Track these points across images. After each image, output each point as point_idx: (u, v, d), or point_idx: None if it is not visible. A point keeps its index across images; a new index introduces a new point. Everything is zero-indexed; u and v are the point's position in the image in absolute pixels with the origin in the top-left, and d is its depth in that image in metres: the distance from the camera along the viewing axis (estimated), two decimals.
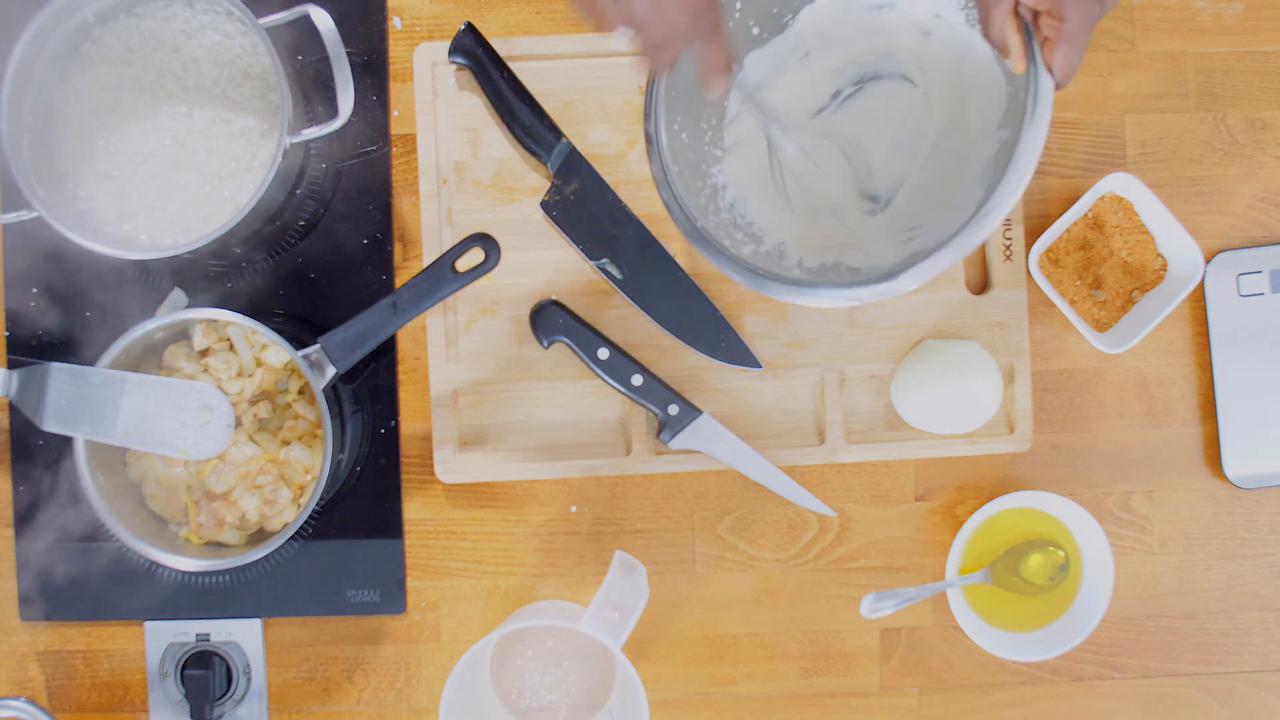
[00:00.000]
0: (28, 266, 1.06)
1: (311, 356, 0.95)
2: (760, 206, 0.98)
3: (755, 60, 0.98)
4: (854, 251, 0.96)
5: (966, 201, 0.90)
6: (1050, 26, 0.79)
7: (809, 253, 0.97)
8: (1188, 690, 1.09)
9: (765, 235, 0.97)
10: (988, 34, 0.82)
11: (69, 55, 0.99)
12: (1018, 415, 1.06)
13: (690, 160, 0.94)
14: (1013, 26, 0.80)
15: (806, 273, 0.95)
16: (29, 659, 1.07)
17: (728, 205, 0.97)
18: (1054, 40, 0.79)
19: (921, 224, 0.96)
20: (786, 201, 0.99)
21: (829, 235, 0.98)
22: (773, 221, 0.98)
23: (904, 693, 1.08)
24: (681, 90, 0.92)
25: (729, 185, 0.98)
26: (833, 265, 0.96)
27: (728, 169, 0.98)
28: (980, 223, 0.84)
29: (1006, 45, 0.81)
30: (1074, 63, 0.80)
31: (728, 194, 0.98)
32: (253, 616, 1.06)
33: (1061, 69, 0.80)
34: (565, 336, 1.03)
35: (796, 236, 0.98)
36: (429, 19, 1.07)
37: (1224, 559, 1.09)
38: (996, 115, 0.92)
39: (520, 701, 1.07)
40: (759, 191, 0.99)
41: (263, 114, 1.00)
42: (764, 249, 0.96)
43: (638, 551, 1.07)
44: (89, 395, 0.93)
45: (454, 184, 1.05)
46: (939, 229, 0.91)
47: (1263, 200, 1.09)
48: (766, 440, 1.06)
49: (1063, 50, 0.79)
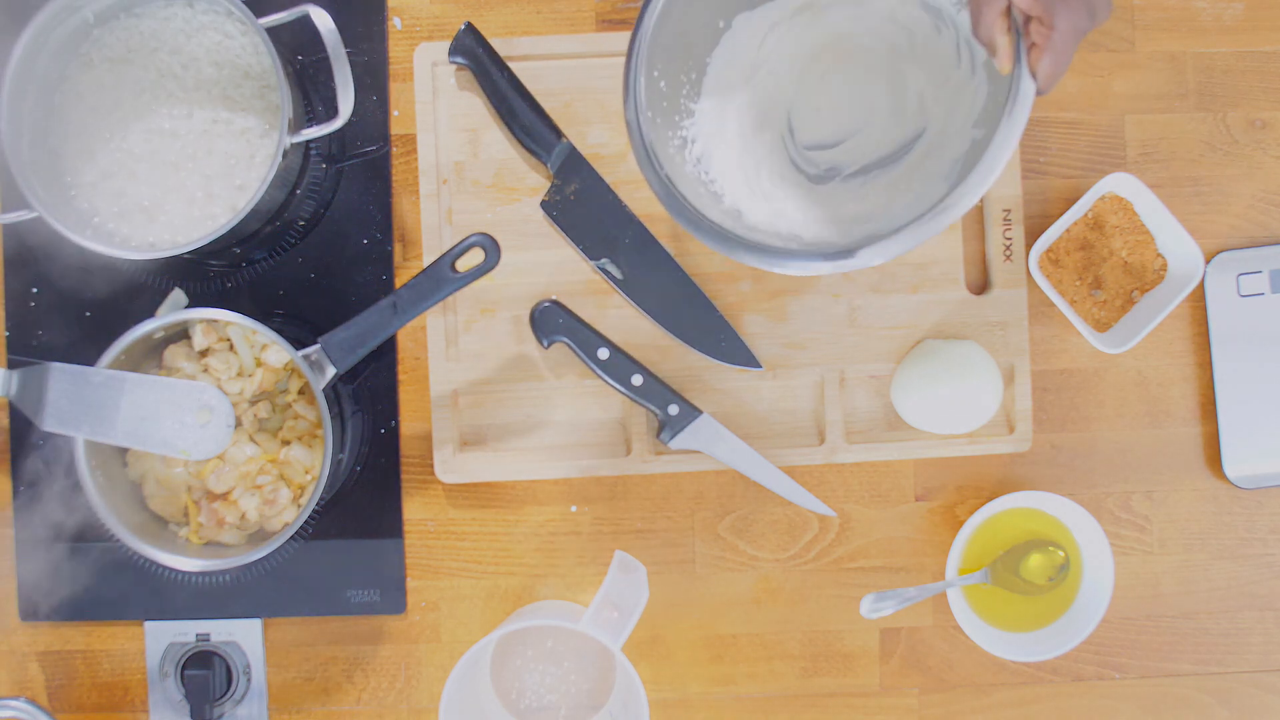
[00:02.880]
0: (28, 266, 1.06)
1: (311, 356, 0.95)
2: (723, 165, 0.99)
3: (745, 20, 0.99)
4: (807, 225, 0.98)
5: (930, 194, 0.92)
6: (1039, 33, 0.80)
7: (764, 219, 0.98)
8: (1188, 690, 1.09)
9: (725, 194, 0.98)
10: (977, 32, 0.82)
11: (69, 55, 0.99)
12: (1018, 415, 1.06)
13: (665, 110, 0.95)
14: (1002, 27, 0.81)
15: (758, 235, 0.96)
16: (29, 659, 1.07)
17: (694, 159, 0.98)
18: (1041, 47, 0.80)
19: (882, 212, 0.98)
20: (753, 164, 0.99)
21: (784, 204, 0.99)
22: (735, 181, 0.99)
23: (904, 693, 1.08)
24: (669, 38, 0.93)
25: (697, 139, 0.98)
26: (787, 234, 0.97)
27: (699, 123, 0.99)
28: (944, 211, 0.85)
29: (994, 45, 0.82)
30: (1058, 71, 0.81)
31: (695, 148, 0.98)
32: (253, 616, 1.06)
33: (1045, 76, 0.81)
34: (565, 336, 1.03)
35: (753, 198, 0.99)
36: (429, 19, 1.07)
37: (1224, 559, 1.09)
38: (973, 113, 0.94)
39: (520, 701, 1.07)
40: (724, 149, 0.99)
41: (263, 114, 1.00)
42: (723, 207, 0.97)
43: (638, 551, 1.07)
44: (89, 395, 0.93)
45: (454, 184, 1.05)
46: (898, 218, 0.93)
47: (1263, 200, 1.09)
48: (766, 440, 1.06)
49: (1049, 58, 0.80)
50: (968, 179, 0.85)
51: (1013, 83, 0.83)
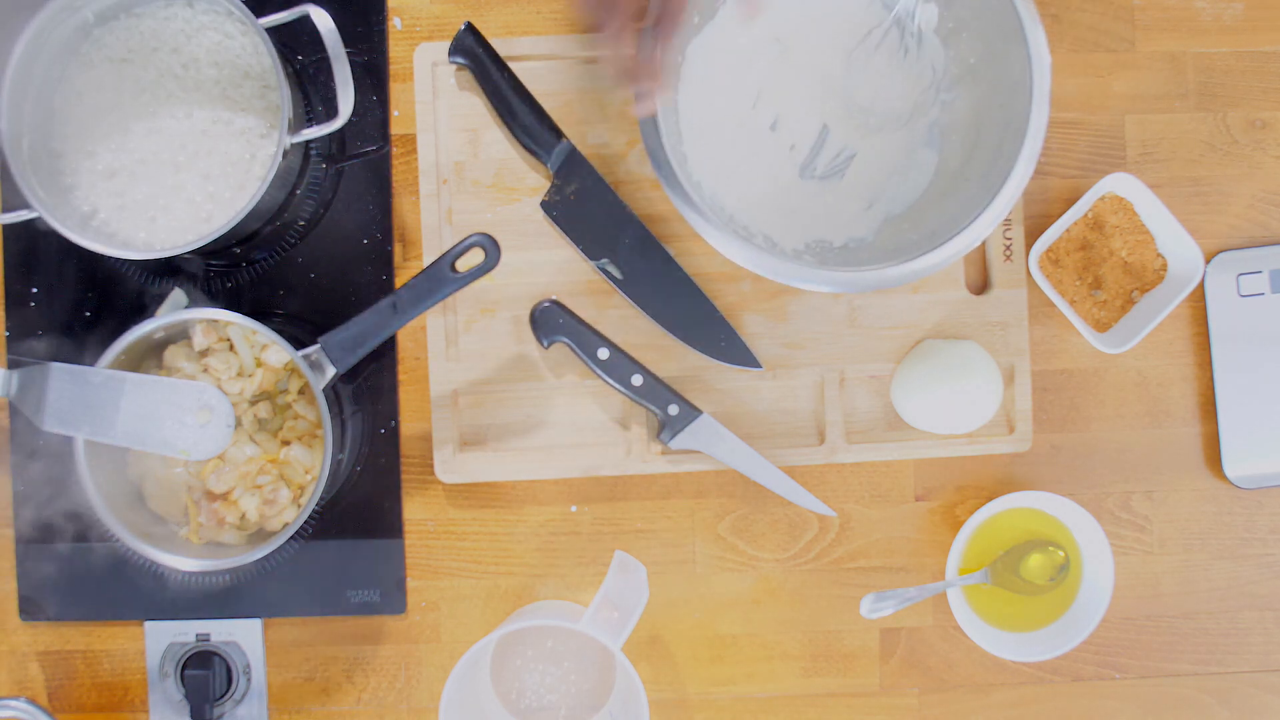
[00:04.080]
0: (28, 266, 1.06)
1: (311, 356, 0.95)
2: (696, 143, 0.99)
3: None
4: (783, 214, 1.00)
5: (918, 167, 0.98)
6: None
7: (742, 209, 0.99)
8: (1188, 690, 1.09)
9: (703, 183, 0.98)
10: None
11: (69, 55, 0.99)
12: (1018, 415, 1.06)
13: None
14: None
15: (746, 232, 0.98)
16: (29, 659, 1.07)
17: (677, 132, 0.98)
18: None
19: (878, 194, 1.01)
20: (730, 147, 1.00)
21: (764, 192, 1.00)
22: (711, 169, 0.99)
23: (904, 693, 1.08)
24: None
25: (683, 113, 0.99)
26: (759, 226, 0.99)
27: (685, 92, 0.99)
28: (976, 227, 0.91)
29: None
30: None
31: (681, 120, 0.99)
32: (253, 616, 1.06)
33: None
34: (565, 336, 1.03)
35: (731, 185, 1.00)
36: (429, 19, 1.07)
37: (1224, 559, 1.09)
38: (937, 79, 0.98)
39: (520, 701, 1.07)
40: (703, 120, 0.99)
41: (263, 114, 1.00)
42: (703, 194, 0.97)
43: (638, 551, 1.07)
44: (89, 395, 0.93)
45: (454, 184, 1.05)
46: (896, 198, 0.99)
47: (1263, 200, 1.09)
48: (766, 440, 1.06)
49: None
50: (1009, 177, 0.92)
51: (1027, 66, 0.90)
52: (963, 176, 0.98)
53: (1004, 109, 0.95)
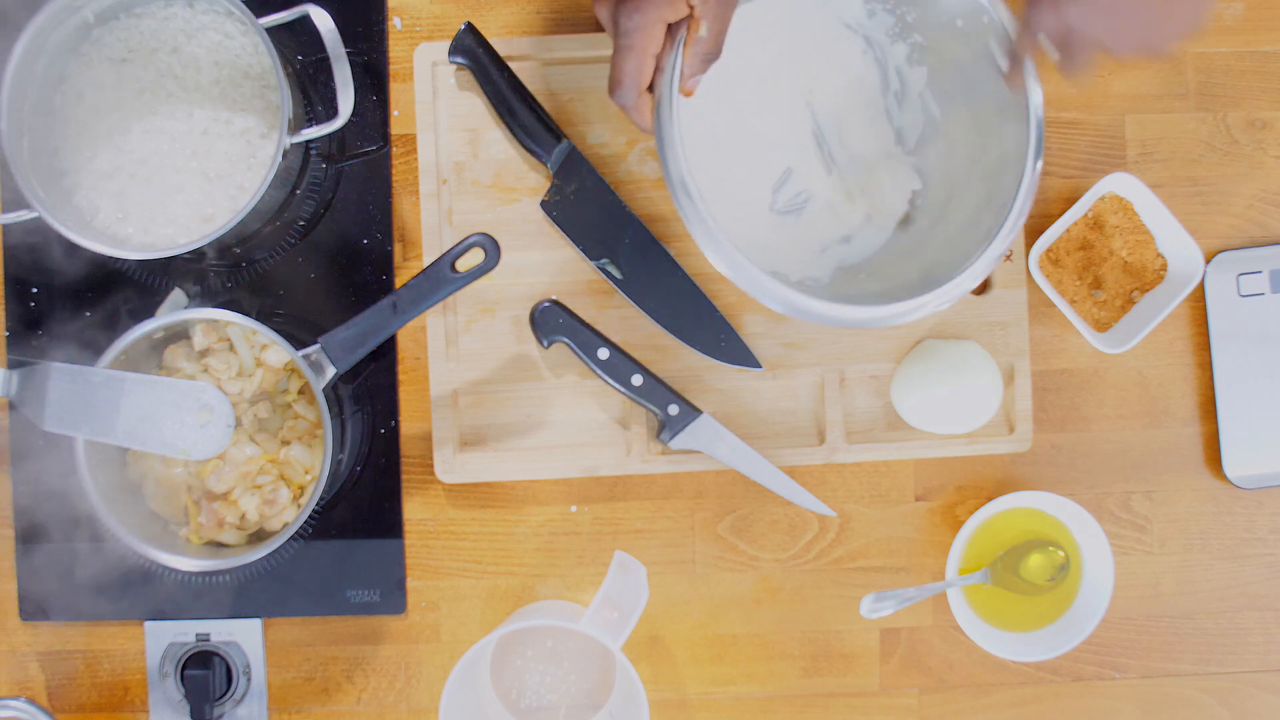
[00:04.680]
0: (28, 266, 1.06)
1: (311, 356, 0.95)
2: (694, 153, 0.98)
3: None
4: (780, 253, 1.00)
5: (874, 222, 1.01)
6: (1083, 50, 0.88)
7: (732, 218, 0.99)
8: (1188, 690, 1.09)
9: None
10: (1016, 48, 0.91)
11: (69, 55, 0.99)
12: (1018, 415, 1.06)
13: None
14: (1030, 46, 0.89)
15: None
16: (29, 659, 1.07)
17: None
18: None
19: (828, 241, 1.02)
20: (714, 161, 1.00)
21: (734, 217, 1.00)
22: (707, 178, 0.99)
23: (904, 693, 1.08)
24: None
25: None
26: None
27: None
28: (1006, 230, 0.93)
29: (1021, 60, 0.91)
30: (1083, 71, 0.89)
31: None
32: (253, 616, 1.06)
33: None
34: (565, 336, 1.03)
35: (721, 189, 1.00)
36: (429, 19, 1.07)
37: (1224, 559, 1.09)
38: (908, 141, 1.00)
39: (520, 701, 1.07)
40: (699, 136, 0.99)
41: (263, 114, 1.00)
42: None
43: (638, 551, 1.07)
44: (89, 395, 0.93)
45: (454, 184, 1.05)
46: (849, 249, 1.01)
47: (1263, 200, 1.09)
48: (766, 440, 1.06)
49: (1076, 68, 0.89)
50: (1014, 204, 0.92)
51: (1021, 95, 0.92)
52: (929, 240, 0.99)
53: (985, 181, 0.96)
